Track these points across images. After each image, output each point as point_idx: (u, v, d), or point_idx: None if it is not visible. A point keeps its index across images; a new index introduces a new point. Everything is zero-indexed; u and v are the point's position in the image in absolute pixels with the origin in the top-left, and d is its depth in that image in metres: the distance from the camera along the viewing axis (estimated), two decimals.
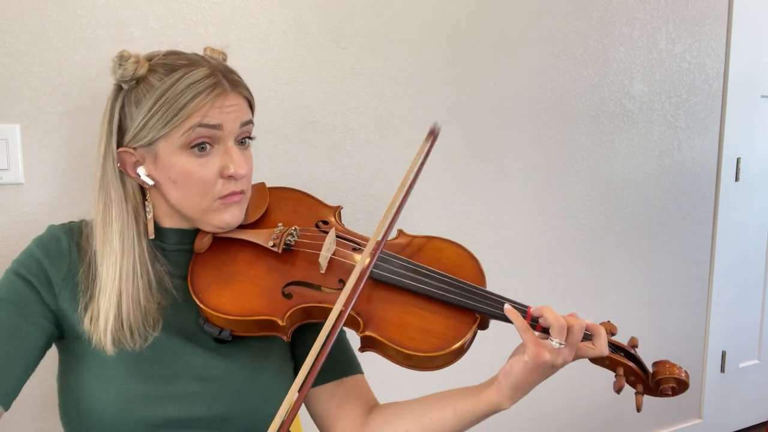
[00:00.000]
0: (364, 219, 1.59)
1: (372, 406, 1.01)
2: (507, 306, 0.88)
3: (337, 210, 1.05)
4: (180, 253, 0.95)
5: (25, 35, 1.19)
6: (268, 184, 1.07)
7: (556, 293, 1.96)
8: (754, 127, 2.34)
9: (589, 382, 2.07)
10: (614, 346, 0.94)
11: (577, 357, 0.86)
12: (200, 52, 0.95)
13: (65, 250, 0.91)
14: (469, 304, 0.90)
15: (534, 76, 1.83)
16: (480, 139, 1.76)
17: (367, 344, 0.89)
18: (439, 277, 0.92)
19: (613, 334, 0.94)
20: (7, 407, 0.84)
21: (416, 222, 1.67)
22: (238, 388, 0.90)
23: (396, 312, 0.89)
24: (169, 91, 0.85)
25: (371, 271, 0.90)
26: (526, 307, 0.90)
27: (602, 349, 0.88)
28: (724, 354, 2.42)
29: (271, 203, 1.03)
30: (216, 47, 0.97)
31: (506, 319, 0.89)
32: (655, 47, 2.06)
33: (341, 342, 1.04)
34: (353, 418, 0.98)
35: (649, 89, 2.07)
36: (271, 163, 1.46)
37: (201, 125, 0.86)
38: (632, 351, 0.95)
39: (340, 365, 1.01)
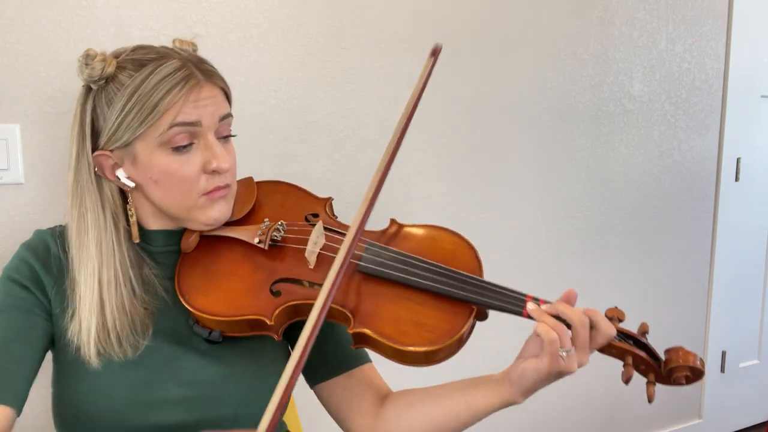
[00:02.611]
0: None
1: (384, 395, 1.00)
2: (531, 306, 0.84)
3: (327, 201, 1.01)
4: (168, 255, 0.93)
5: (25, 35, 1.19)
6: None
7: (556, 293, 1.96)
8: (754, 127, 2.34)
9: (589, 382, 2.06)
10: (623, 334, 0.88)
11: (591, 351, 0.83)
12: (169, 45, 0.92)
13: (55, 255, 0.89)
14: (464, 296, 0.85)
15: (534, 76, 1.83)
16: (480, 139, 1.76)
17: (360, 341, 0.85)
18: (431, 267, 0.87)
19: (621, 321, 0.89)
20: (19, 411, 0.83)
21: (414, 221, 1.66)
22: (231, 392, 0.89)
23: (387, 306, 0.85)
24: (140, 88, 0.82)
25: (360, 264, 0.87)
26: (524, 295, 0.86)
27: (609, 331, 0.82)
28: (724, 354, 2.42)
29: (259, 198, 0.99)
30: (185, 38, 0.94)
31: (505, 310, 0.85)
32: (655, 47, 2.06)
33: (344, 335, 1.01)
34: (367, 409, 0.98)
35: (649, 89, 2.07)
36: (271, 163, 1.46)
37: (177, 124, 0.83)
38: (642, 339, 0.89)
39: (347, 357, 1.00)
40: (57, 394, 0.88)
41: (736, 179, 2.33)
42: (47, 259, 0.88)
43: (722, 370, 2.42)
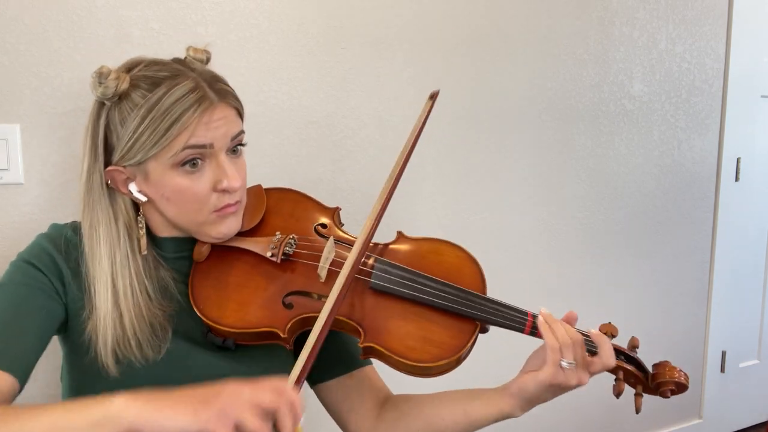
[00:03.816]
0: (364, 219, 1.58)
1: (385, 398, 1.02)
2: (540, 319, 0.86)
3: (335, 212, 1.04)
4: (180, 261, 0.95)
5: (25, 35, 1.19)
6: (268, 185, 1.06)
7: (555, 293, 1.96)
8: (754, 127, 2.34)
9: (589, 382, 2.06)
10: (615, 351, 0.93)
11: (590, 374, 0.87)
12: (182, 53, 0.94)
13: (74, 246, 0.90)
14: (470, 312, 0.89)
15: (534, 76, 1.83)
16: (480, 139, 1.76)
17: (369, 353, 0.89)
18: (438, 285, 0.91)
19: (613, 337, 0.93)
20: (22, 383, 0.82)
21: (416, 221, 1.66)
22: None
23: (396, 321, 0.89)
24: (153, 110, 0.83)
25: (371, 282, 0.91)
26: (526, 313, 0.90)
27: (608, 360, 0.87)
28: (724, 354, 2.42)
29: (269, 207, 1.01)
30: (198, 46, 0.94)
31: (507, 326, 0.89)
32: (655, 47, 2.06)
33: (348, 336, 1.04)
34: (367, 410, 1.00)
35: (649, 89, 2.07)
36: (271, 163, 1.46)
37: (189, 146, 0.84)
38: (632, 354, 0.95)
39: (349, 358, 1.02)
40: (70, 388, 0.89)
41: (736, 179, 2.33)
42: (68, 249, 0.89)
43: (722, 370, 2.42)
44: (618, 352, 0.93)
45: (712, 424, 2.43)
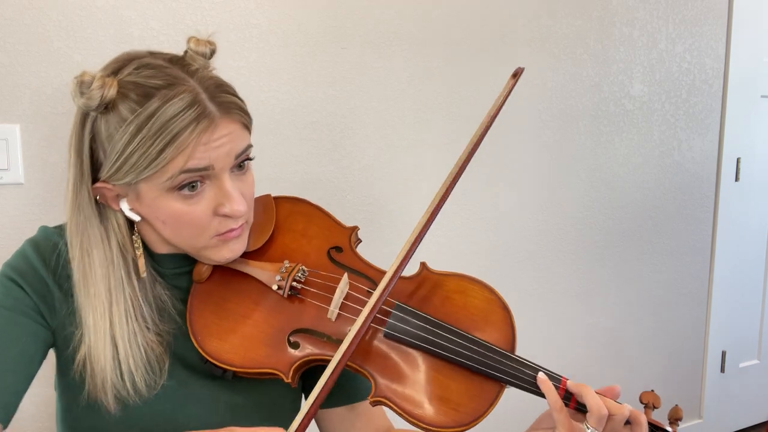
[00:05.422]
0: (364, 219, 1.59)
1: None
2: (541, 375, 0.77)
3: (353, 232, 0.92)
4: (179, 277, 0.86)
5: (25, 35, 1.19)
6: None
7: (555, 293, 1.96)
8: (754, 127, 2.34)
9: (590, 383, 2.06)
10: (654, 427, 0.82)
11: None
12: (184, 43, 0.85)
13: (63, 260, 0.80)
14: (494, 374, 0.79)
15: (534, 76, 1.83)
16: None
17: (379, 404, 0.81)
18: (461, 341, 0.80)
19: (655, 408, 0.84)
20: (6, 424, 0.74)
21: (414, 222, 1.66)
22: (241, 422, 0.83)
23: (412, 376, 0.80)
24: (144, 129, 0.70)
25: (386, 332, 0.82)
26: (561, 377, 0.80)
27: None
28: (724, 354, 2.42)
29: (279, 222, 0.91)
30: (201, 37, 0.82)
31: (535, 393, 0.79)
32: (655, 47, 2.06)
33: None
34: None
35: (649, 89, 2.07)
36: (271, 163, 1.46)
37: (186, 171, 0.72)
38: (673, 430, 0.85)
39: (352, 389, 0.94)
40: (63, 415, 0.84)
41: (736, 179, 2.33)
42: (57, 262, 0.80)
43: (722, 370, 2.42)
44: (656, 428, 0.82)
45: (712, 424, 2.43)
